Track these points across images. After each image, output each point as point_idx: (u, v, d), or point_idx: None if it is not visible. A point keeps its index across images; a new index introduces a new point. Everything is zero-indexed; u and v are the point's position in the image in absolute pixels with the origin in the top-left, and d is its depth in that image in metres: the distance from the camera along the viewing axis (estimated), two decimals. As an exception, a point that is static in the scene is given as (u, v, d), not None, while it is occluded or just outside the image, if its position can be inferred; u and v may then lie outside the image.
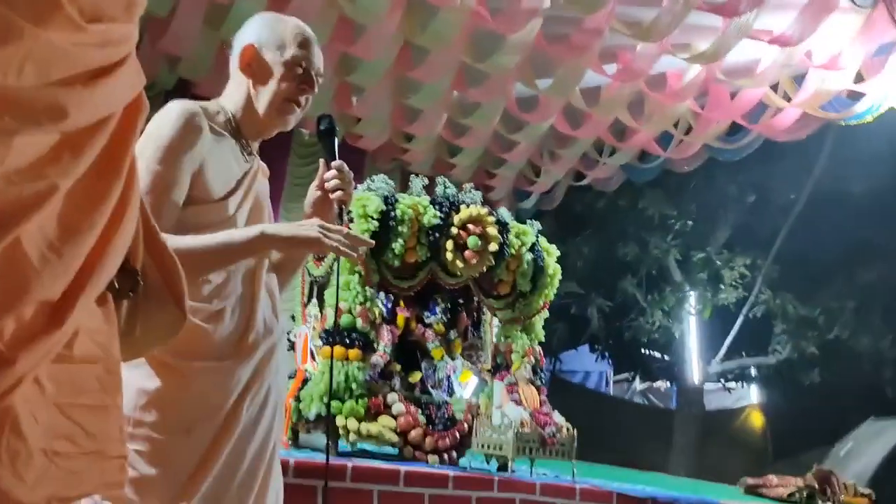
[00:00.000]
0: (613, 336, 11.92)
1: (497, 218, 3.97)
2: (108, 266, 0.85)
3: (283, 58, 1.65)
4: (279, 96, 1.65)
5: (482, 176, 9.16)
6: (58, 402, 0.82)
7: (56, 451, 0.81)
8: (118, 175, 0.83)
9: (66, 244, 0.77)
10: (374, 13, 5.69)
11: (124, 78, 0.82)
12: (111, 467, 0.89)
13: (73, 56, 0.74)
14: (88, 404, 0.86)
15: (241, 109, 1.67)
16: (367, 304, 3.70)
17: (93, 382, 0.87)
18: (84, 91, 0.75)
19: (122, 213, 0.85)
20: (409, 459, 3.58)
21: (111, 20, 0.78)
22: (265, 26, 1.69)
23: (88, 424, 0.86)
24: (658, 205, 10.50)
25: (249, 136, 1.69)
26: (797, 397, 11.21)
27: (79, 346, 0.85)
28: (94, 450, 0.86)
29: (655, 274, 10.98)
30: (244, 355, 1.54)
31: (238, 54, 1.68)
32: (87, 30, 0.74)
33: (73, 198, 0.78)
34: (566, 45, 6.16)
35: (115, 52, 0.80)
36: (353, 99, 7.22)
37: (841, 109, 6.60)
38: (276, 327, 1.64)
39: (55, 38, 0.71)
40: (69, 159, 0.76)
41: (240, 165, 1.64)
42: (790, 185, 10.37)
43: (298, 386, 3.73)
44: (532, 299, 4.17)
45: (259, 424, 1.57)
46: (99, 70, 0.77)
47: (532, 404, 3.88)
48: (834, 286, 10.16)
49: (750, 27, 5.59)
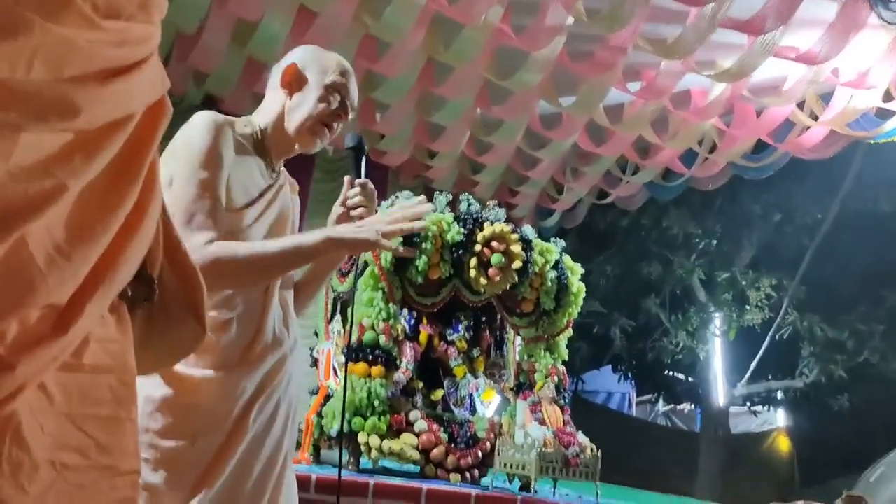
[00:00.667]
0: (636, 356, 11.79)
1: (521, 235, 3.95)
2: (121, 273, 0.82)
3: (325, 81, 1.69)
4: (313, 116, 1.67)
5: (505, 193, 9.15)
6: (67, 412, 0.78)
7: (65, 464, 0.77)
8: (135, 178, 0.81)
9: (75, 247, 0.74)
10: (399, 31, 5.72)
11: (144, 79, 0.80)
12: (123, 483, 0.85)
13: (87, 53, 0.72)
14: (101, 415, 0.83)
15: (272, 124, 1.69)
16: (391, 321, 3.68)
17: (105, 393, 0.83)
18: (98, 89, 0.73)
19: (139, 218, 0.83)
20: (431, 477, 3.54)
21: (129, 19, 0.76)
22: (310, 52, 1.75)
23: (101, 437, 0.82)
24: (682, 223, 10.40)
25: (274, 153, 1.70)
26: (825, 422, 10.98)
27: (89, 355, 0.81)
28: (106, 464, 0.83)
29: (679, 294, 10.86)
30: (249, 366, 1.53)
31: (280, 73, 1.71)
32: (102, 27, 0.73)
33: (86, 200, 0.75)
34: (590, 63, 6.15)
35: (133, 51, 0.77)
36: (376, 115, 7.26)
37: (869, 127, 6.50)
38: (287, 340, 1.63)
39: (67, 33, 0.69)
40: (81, 160, 0.73)
41: (264, 179, 1.65)
42: (817, 204, 10.24)
43: (321, 402, 3.72)
44: (556, 317, 4.12)
45: (268, 437, 1.56)
46: (116, 69, 0.75)
47: (555, 424, 3.82)
48: (862, 308, 9.98)
49: (776, 44, 5.54)
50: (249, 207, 1.58)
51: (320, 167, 7.73)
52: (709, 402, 11.17)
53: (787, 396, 11.09)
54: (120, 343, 0.87)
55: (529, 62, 6.14)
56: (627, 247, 11.02)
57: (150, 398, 1.46)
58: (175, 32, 6.16)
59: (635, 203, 9.25)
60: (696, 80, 6.55)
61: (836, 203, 9.75)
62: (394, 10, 5.50)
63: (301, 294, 1.77)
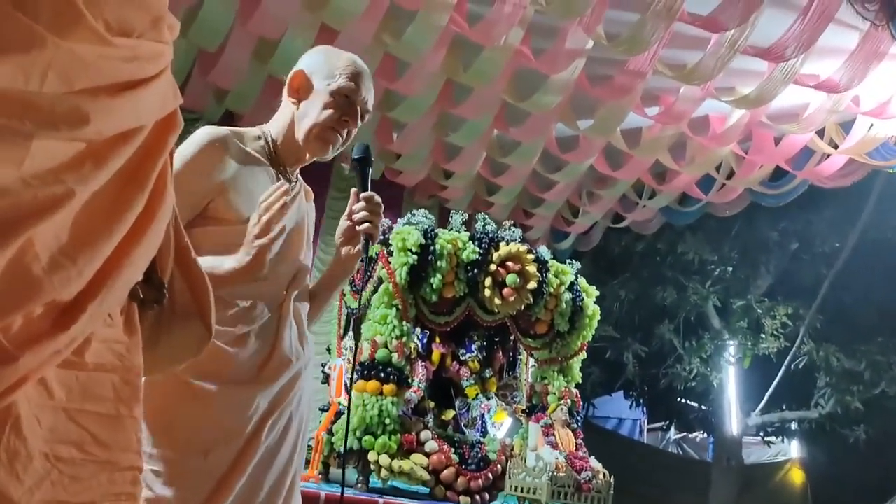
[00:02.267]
0: (649, 383, 11.66)
1: (536, 256, 3.93)
2: (126, 276, 0.86)
3: (331, 86, 1.65)
4: (319, 123, 1.65)
5: (520, 215, 9.15)
6: (66, 407, 0.82)
7: (59, 456, 0.81)
8: (143, 187, 0.85)
9: (80, 250, 0.78)
10: (418, 51, 5.76)
11: (155, 93, 0.84)
12: (122, 478, 0.89)
13: (98, 67, 0.76)
14: (101, 412, 0.87)
15: (283, 134, 1.68)
16: (404, 339, 3.66)
17: (107, 391, 0.88)
18: (109, 101, 0.78)
19: (146, 225, 0.86)
20: (441, 499, 3.50)
21: (140, 36, 0.81)
22: (319, 56, 1.72)
23: (99, 433, 0.86)
24: (698, 249, 10.32)
25: (287, 162, 1.69)
26: (840, 454, 10.79)
27: (92, 354, 0.85)
28: (104, 459, 0.86)
29: (694, 320, 10.75)
30: (265, 382, 1.52)
31: (288, 80, 1.70)
32: (113, 43, 0.77)
33: (93, 205, 0.79)
34: (609, 87, 6.16)
35: (144, 67, 0.82)
36: (394, 135, 7.30)
37: (889, 157, 6.46)
38: (302, 356, 1.62)
39: (78, 49, 0.74)
40: (91, 168, 0.78)
41: None
42: (835, 233, 10.14)
43: (332, 419, 3.69)
44: (570, 340, 4.09)
45: (279, 453, 1.54)
46: (126, 83, 0.80)
47: (568, 447, 3.78)
48: (880, 339, 9.83)
49: (796, 72, 5.53)
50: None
51: (335, 185, 7.75)
52: (721, 431, 11.01)
53: (802, 427, 10.91)
54: (126, 344, 0.92)
55: (548, 85, 6.16)
56: (642, 271, 10.95)
57: (164, 410, 1.44)
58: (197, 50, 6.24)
59: (651, 228, 9.22)
60: (715, 105, 6.55)
61: (854, 232, 9.65)
62: (414, 31, 5.54)
63: (312, 304, 1.75)
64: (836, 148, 6.72)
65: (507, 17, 5.28)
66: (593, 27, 5.28)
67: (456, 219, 4.05)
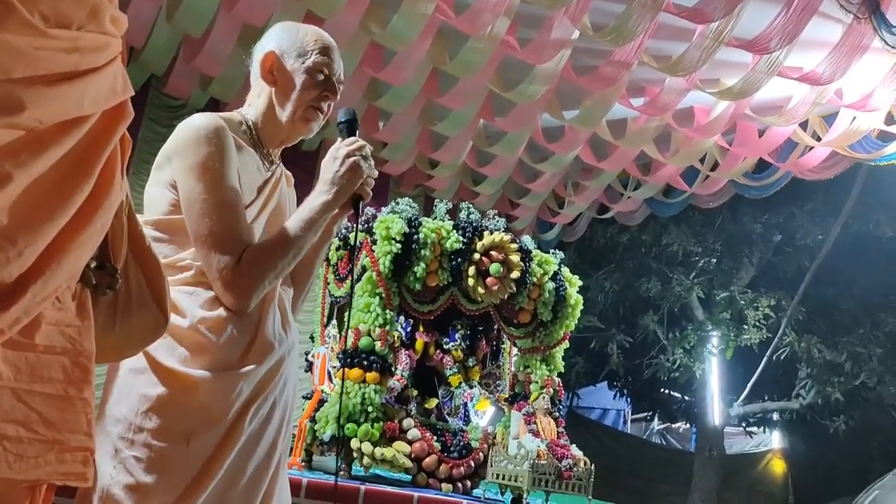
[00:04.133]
0: (633, 373, 11.74)
1: (520, 245, 3.94)
2: (72, 259, 0.87)
3: (305, 65, 1.64)
4: (302, 104, 1.64)
5: (505, 205, 9.16)
6: (14, 387, 0.84)
7: (5, 435, 0.83)
8: (88, 174, 0.87)
9: (20, 233, 0.80)
10: (404, 40, 5.74)
11: (100, 84, 0.86)
12: (72, 458, 0.90)
13: (35, 57, 0.78)
14: (49, 393, 0.88)
15: (263, 117, 1.66)
16: (387, 327, 3.66)
17: (57, 372, 0.89)
18: (45, 90, 0.79)
19: (92, 210, 0.88)
20: (423, 486, 3.52)
21: (79, 27, 0.83)
22: (285, 34, 1.69)
23: (48, 413, 0.88)
24: (682, 241, 10.39)
25: (270, 145, 1.68)
26: (821, 444, 10.93)
27: (42, 336, 0.87)
28: (52, 438, 0.88)
29: (677, 311, 10.83)
30: (248, 367, 1.51)
31: (259, 62, 1.67)
32: (49, 34, 0.79)
33: (35, 191, 0.81)
34: (594, 77, 6.17)
35: (86, 58, 0.84)
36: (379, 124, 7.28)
37: (870, 150, 6.52)
38: (286, 341, 1.61)
39: (12, 40, 0.75)
40: (29, 154, 0.79)
41: (261, 174, 1.64)
42: (817, 225, 10.23)
43: (314, 406, 3.69)
44: (553, 329, 4.11)
45: (262, 439, 1.54)
46: (66, 73, 0.82)
47: (549, 436, 3.80)
48: (861, 331, 9.94)
49: (780, 64, 5.56)
50: (249, 207, 1.57)
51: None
52: (704, 422, 11.11)
53: (783, 418, 11.03)
54: (78, 328, 0.94)
55: (534, 75, 6.16)
56: (627, 263, 11.01)
57: (146, 396, 1.44)
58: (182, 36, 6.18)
59: (636, 219, 9.26)
60: (700, 97, 6.58)
61: (836, 225, 9.74)
62: (400, 20, 5.52)
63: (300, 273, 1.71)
64: (819, 140, 6.78)
65: (493, 6, 5.27)
66: (579, 17, 5.29)
67: (440, 208, 4.05)
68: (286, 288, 1.69)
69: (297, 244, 1.53)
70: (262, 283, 1.49)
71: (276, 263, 1.50)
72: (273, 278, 1.52)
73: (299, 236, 1.53)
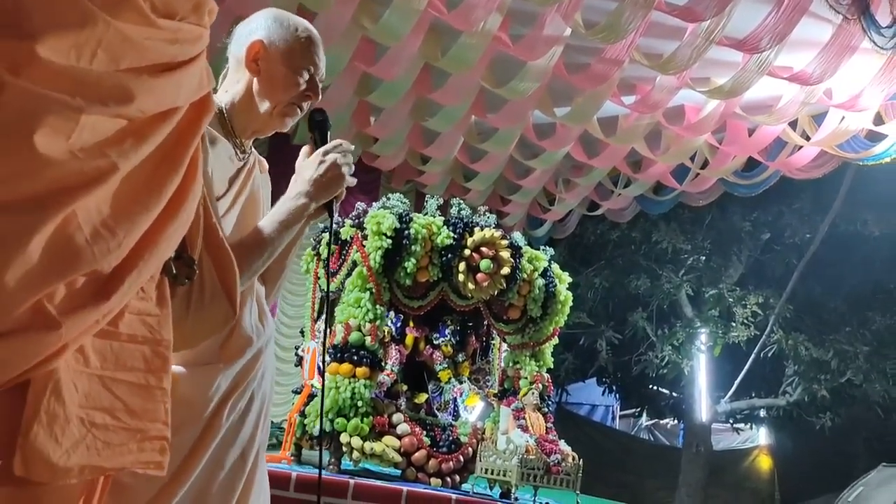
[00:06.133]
0: (622, 370, 11.81)
1: (510, 242, 3.95)
2: (161, 250, 0.89)
3: (292, 61, 1.61)
4: (284, 100, 1.61)
5: (496, 202, 9.18)
6: (101, 374, 0.86)
7: (94, 422, 0.84)
8: (177, 166, 0.89)
9: (119, 224, 0.81)
10: (397, 35, 5.74)
11: (192, 75, 0.88)
12: (150, 447, 0.92)
13: (144, 48, 0.79)
14: (132, 381, 0.90)
15: (238, 105, 1.62)
16: (377, 322, 3.67)
17: (138, 361, 0.91)
18: (151, 81, 0.81)
19: (180, 202, 0.90)
20: (412, 481, 3.53)
21: (182, 19, 0.84)
22: (275, 24, 1.64)
23: (130, 401, 0.89)
24: (671, 238, 10.45)
25: (242, 134, 1.63)
26: (807, 441, 11.03)
27: (126, 325, 0.89)
28: (134, 427, 0.90)
29: (666, 309, 10.89)
30: (225, 361, 1.52)
31: (245, 49, 1.62)
32: (158, 24, 0.81)
33: (132, 182, 0.83)
34: (586, 74, 6.18)
35: (184, 49, 0.85)
36: (371, 119, 7.27)
37: (859, 150, 6.57)
38: (263, 334, 1.61)
39: (126, 29, 0.77)
40: (132, 144, 0.81)
41: (234, 164, 1.60)
42: (805, 224, 10.31)
43: (304, 401, 3.70)
44: (542, 325, 4.12)
45: (241, 431, 1.55)
46: (167, 64, 0.83)
47: (538, 431, 3.82)
48: (848, 329, 10.03)
49: (770, 64, 5.59)
50: (221, 198, 1.55)
51: None
52: (692, 418, 11.19)
53: (770, 414, 11.12)
54: (158, 317, 0.95)
55: (526, 71, 6.17)
56: (616, 260, 11.05)
57: None
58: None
59: (626, 216, 9.30)
60: (691, 95, 6.60)
61: (824, 224, 9.82)
62: (392, 14, 5.51)
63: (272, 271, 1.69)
64: (808, 140, 6.82)
65: (485, 2, 5.28)
66: (571, 14, 5.30)
67: (431, 203, 4.05)
68: (259, 284, 1.69)
69: (272, 245, 1.53)
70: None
71: (250, 264, 1.49)
72: (247, 278, 1.51)
73: (273, 238, 1.53)
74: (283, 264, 1.73)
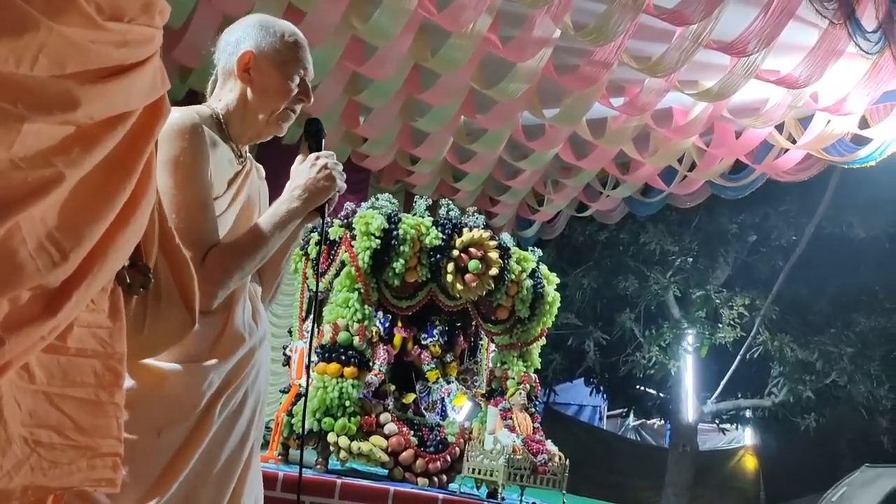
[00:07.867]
0: (609, 370, 11.86)
1: (499, 243, 3.97)
2: (112, 261, 0.85)
3: (283, 69, 1.66)
4: (278, 106, 1.67)
5: (485, 202, 9.19)
6: (47, 391, 0.81)
7: (39, 441, 0.80)
8: (130, 173, 0.85)
9: (67, 235, 0.77)
10: (386, 35, 5.74)
11: (144, 79, 0.84)
12: (102, 464, 0.88)
13: (89, 52, 0.76)
14: (81, 397, 0.85)
15: (233, 113, 1.67)
16: (365, 322, 3.67)
17: (88, 376, 0.87)
18: (98, 85, 0.77)
19: (132, 210, 0.86)
20: (399, 480, 3.54)
21: (130, 21, 0.80)
22: (262, 33, 1.67)
23: (80, 418, 0.85)
24: (659, 240, 10.50)
25: (239, 141, 1.69)
26: (792, 441, 11.11)
27: (74, 339, 0.84)
28: (84, 444, 0.85)
29: (654, 310, 10.95)
30: (217, 358, 1.53)
31: (236, 59, 1.66)
32: (105, 27, 0.77)
33: (81, 191, 0.79)
34: (575, 76, 6.21)
35: (134, 52, 0.81)
36: (360, 119, 7.26)
37: (845, 153, 6.63)
38: (256, 333, 1.63)
39: (70, 33, 0.73)
40: (80, 151, 0.77)
41: (232, 167, 1.65)
42: (791, 226, 10.40)
43: (292, 401, 3.70)
44: (530, 326, 4.14)
45: (234, 428, 1.56)
46: (116, 68, 0.79)
47: (525, 431, 3.84)
48: (833, 331, 10.12)
49: (757, 67, 5.64)
50: (219, 199, 1.59)
51: None
52: (678, 418, 11.25)
53: (756, 415, 11.20)
54: (109, 329, 0.91)
55: (515, 73, 6.19)
56: (604, 261, 11.10)
57: None
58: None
59: (614, 217, 9.34)
60: (679, 98, 6.65)
61: (810, 226, 9.90)
62: (382, 14, 5.52)
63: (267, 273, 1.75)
64: (794, 143, 6.88)
65: (475, 3, 5.28)
66: (561, 16, 5.32)
67: (420, 204, 4.06)
68: (255, 285, 1.71)
69: (265, 245, 1.57)
70: (227, 282, 1.51)
71: (242, 263, 1.53)
72: (239, 278, 1.55)
73: (267, 238, 1.57)
74: (278, 266, 1.77)
